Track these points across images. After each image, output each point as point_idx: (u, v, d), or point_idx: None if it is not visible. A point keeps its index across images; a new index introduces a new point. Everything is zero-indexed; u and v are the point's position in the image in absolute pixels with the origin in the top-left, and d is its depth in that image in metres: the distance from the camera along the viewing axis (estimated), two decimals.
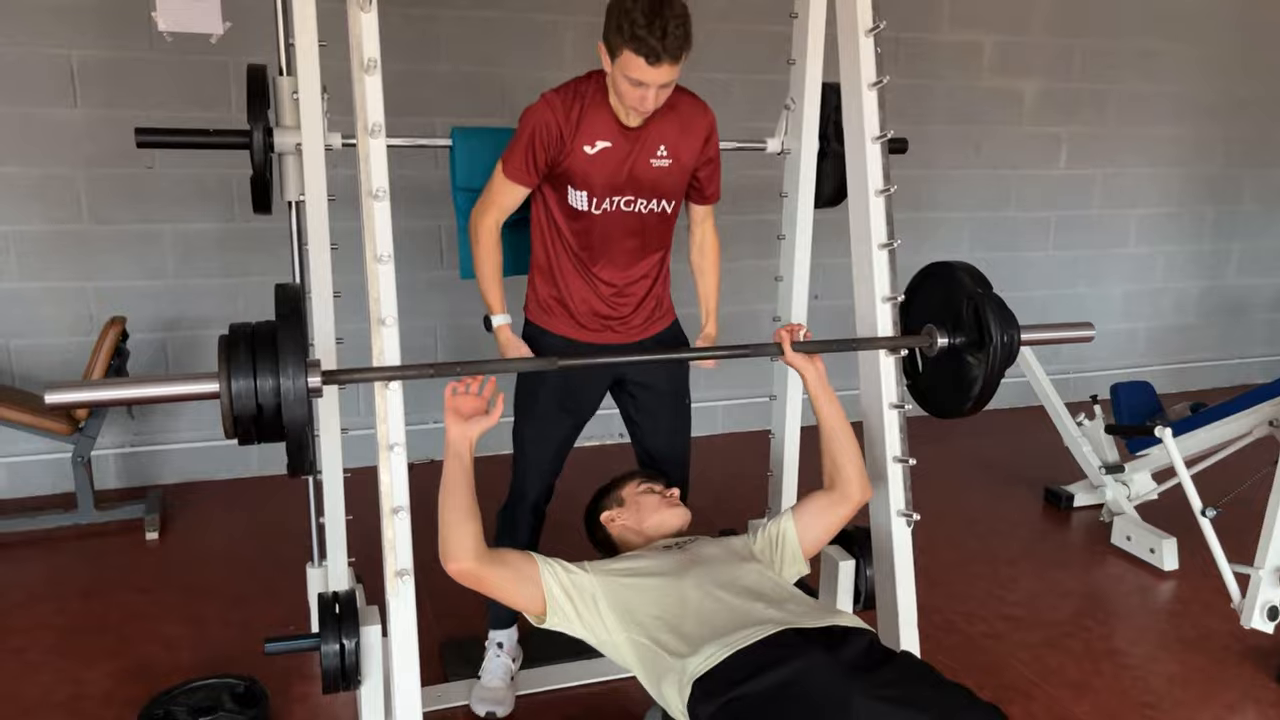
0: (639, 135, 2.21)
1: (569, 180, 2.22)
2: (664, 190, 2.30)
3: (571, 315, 2.37)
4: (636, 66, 1.99)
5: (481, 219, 2.30)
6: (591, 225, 2.28)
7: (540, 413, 2.42)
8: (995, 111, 4.83)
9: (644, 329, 2.45)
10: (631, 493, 2.31)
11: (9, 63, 3.45)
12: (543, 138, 2.17)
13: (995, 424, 4.89)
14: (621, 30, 1.97)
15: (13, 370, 3.68)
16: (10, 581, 3.17)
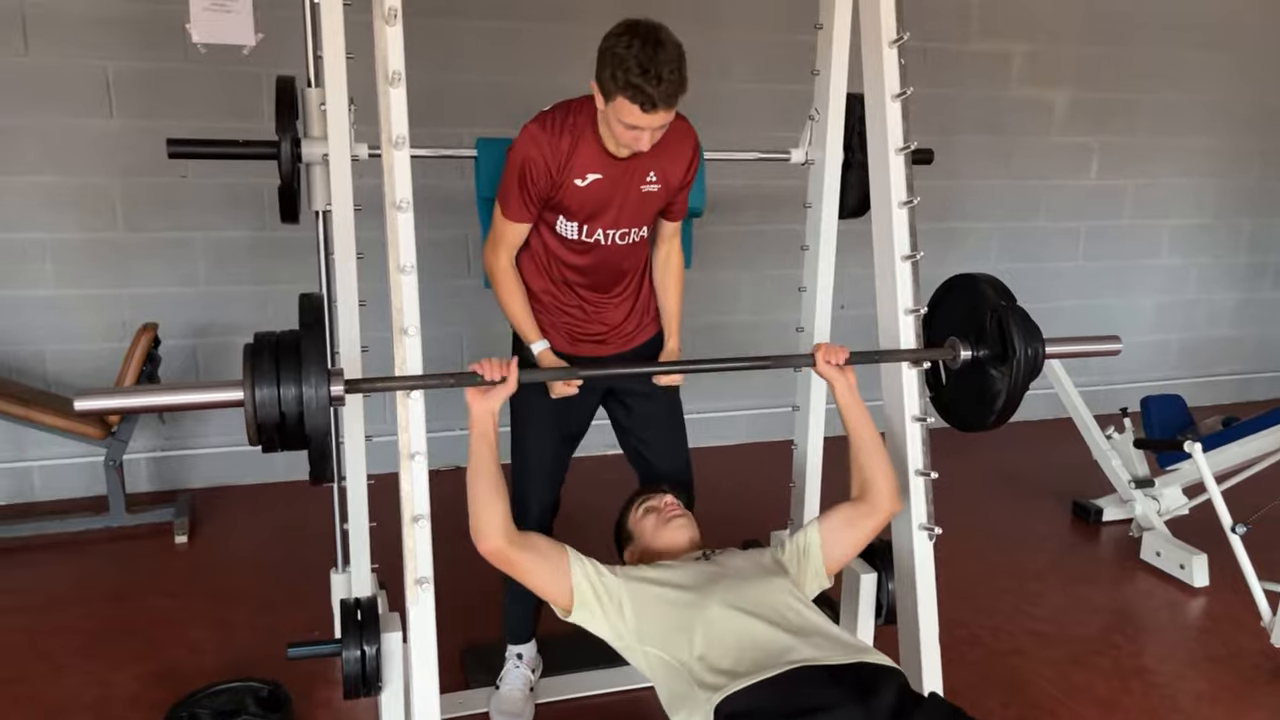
0: (628, 164, 2.20)
1: (561, 211, 2.24)
2: (650, 214, 2.32)
3: (559, 332, 2.39)
4: (632, 114, 1.98)
5: (495, 259, 2.32)
6: (582, 253, 2.30)
7: (535, 428, 2.43)
8: (1024, 121, 4.79)
9: (633, 337, 2.46)
10: (635, 521, 2.31)
11: (48, 74, 3.53)
12: (532, 176, 2.16)
13: (1023, 436, 4.84)
14: (615, 78, 1.95)
15: (47, 375, 3.75)
16: (42, 583, 3.22)
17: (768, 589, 1.97)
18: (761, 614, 1.89)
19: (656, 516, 2.26)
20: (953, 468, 4.28)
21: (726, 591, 1.94)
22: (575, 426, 2.49)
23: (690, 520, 2.28)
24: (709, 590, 1.95)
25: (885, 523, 2.15)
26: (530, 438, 2.45)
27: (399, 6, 1.94)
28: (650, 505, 2.30)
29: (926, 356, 2.25)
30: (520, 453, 2.48)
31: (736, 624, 1.87)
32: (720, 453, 4.54)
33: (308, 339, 1.71)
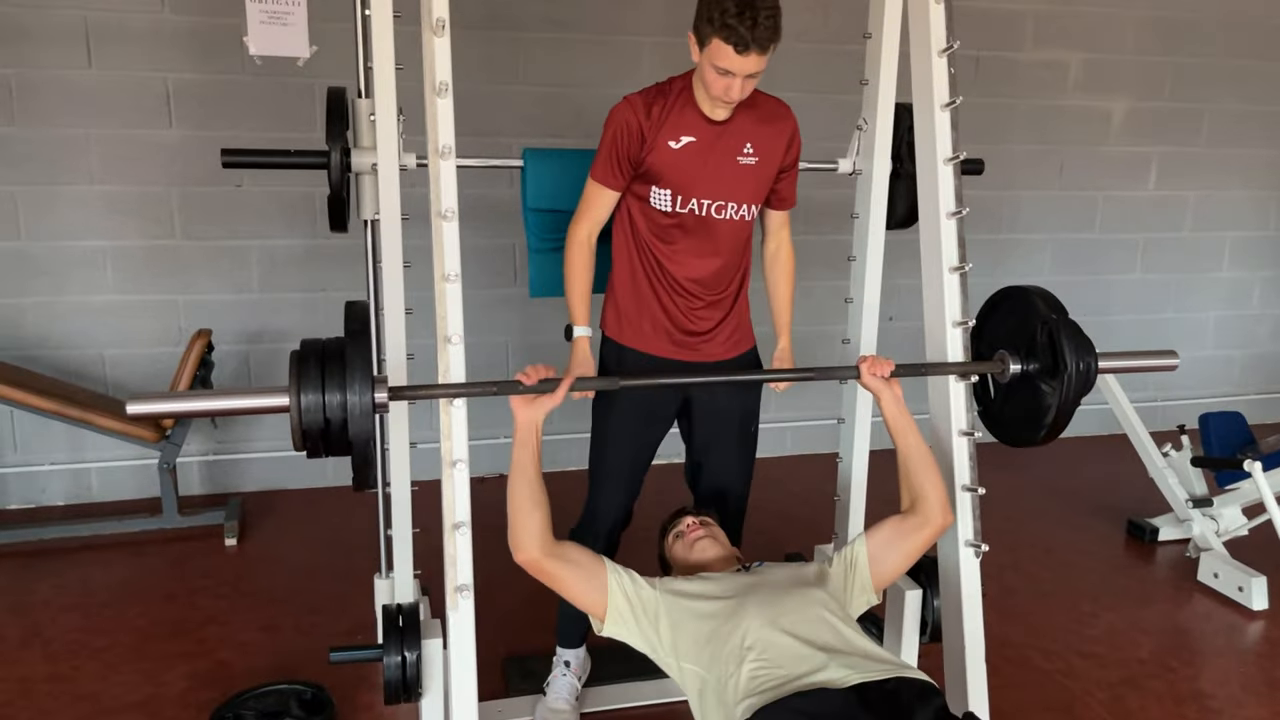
0: (724, 130, 2.19)
1: (654, 179, 2.21)
2: (749, 192, 2.27)
3: (653, 329, 2.34)
4: (725, 55, 1.99)
5: (574, 231, 2.31)
6: (676, 229, 2.25)
7: (616, 427, 2.40)
8: (1080, 131, 4.70)
9: (725, 350, 2.40)
10: (669, 550, 2.31)
11: (111, 86, 3.62)
12: (624, 137, 2.17)
13: (1078, 452, 4.76)
14: (712, 20, 1.97)
15: (106, 378, 3.84)
16: (98, 583, 3.29)
17: (804, 604, 1.94)
18: (795, 630, 1.86)
19: (682, 542, 2.26)
20: (1004, 483, 4.27)
21: (761, 605, 1.92)
22: (657, 434, 2.47)
23: (714, 536, 2.26)
24: (744, 604, 1.94)
25: (936, 536, 2.11)
26: (610, 444, 2.43)
27: (447, 18, 1.96)
28: (676, 531, 2.31)
29: (975, 370, 2.21)
30: (598, 459, 2.46)
31: (769, 639, 1.85)
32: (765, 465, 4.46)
33: (353, 346, 1.73)
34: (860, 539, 2.12)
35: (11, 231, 3.65)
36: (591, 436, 2.47)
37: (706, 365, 2.37)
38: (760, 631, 1.86)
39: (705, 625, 1.93)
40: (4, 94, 3.54)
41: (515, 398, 1.96)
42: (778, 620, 1.88)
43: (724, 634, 1.89)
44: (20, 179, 3.61)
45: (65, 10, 3.52)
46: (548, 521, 1.97)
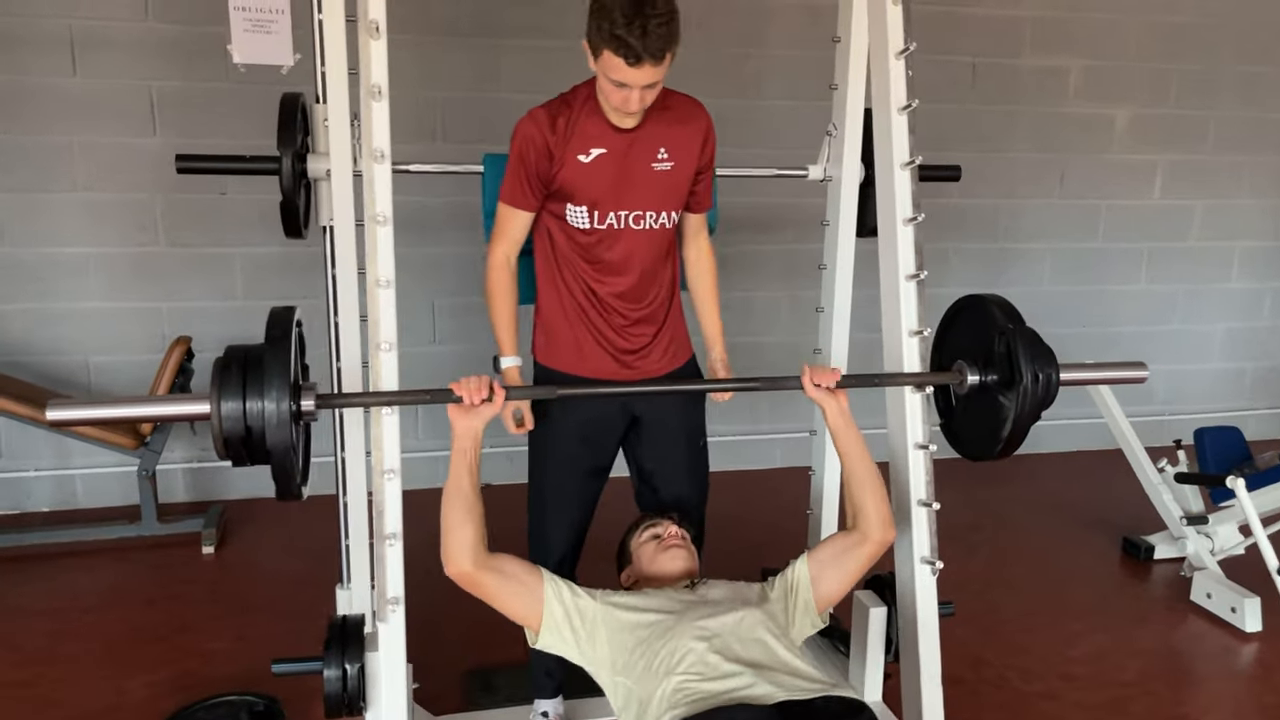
0: (635, 138, 2.09)
1: (568, 196, 2.12)
2: (667, 198, 2.17)
3: (586, 350, 2.24)
4: (616, 67, 1.88)
5: (491, 254, 2.22)
6: (597, 245, 2.17)
7: (557, 460, 2.30)
8: (1082, 138, 4.60)
9: (663, 364, 2.31)
10: (637, 544, 2.23)
11: (98, 94, 3.64)
12: (530, 154, 2.08)
13: (1078, 467, 4.67)
14: (601, 30, 1.87)
15: (91, 385, 3.85)
16: (76, 589, 3.29)
17: (739, 623, 1.89)
18: (725, 648, 1.81)
19: (657, 544, 2.19)
20: (998, 499, 4.19)
21: (694, 622, 1.87)
22: (603, 458, 2.35)
23: (690, 553, 2.20)
24: (679, 619, 1.89)
25: (878, 553, 2.04)
26: (550, 470, 2.32)
27: (382, 21, 1.93)
28: (655, 532, 2.22)
29: (930, 381, 2.15)
30: (538, 487, 2.35)
31: (697, 655, 1.80)
32: (753, 477, 4.45)
33: (271, 353, 1.70)
34: (802, 559, 2.06)
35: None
36: (530, 463, 2.36)
37: (658, 380, 2.30)
38: (690, 646, 1.81)
39: (638, 638, 1.89)
40: None
41: (453, 407, 1.92)
42: (709, 638, 1.83)
43: (655, 648, 1.85)
44: (5, 186, 3.64)
45: (51, 18, 3.55)
46: (481, 534, 1.92)
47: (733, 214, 4.26)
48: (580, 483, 2.34)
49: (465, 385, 1.89)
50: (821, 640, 2.71)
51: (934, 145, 4.28)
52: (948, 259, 4.55)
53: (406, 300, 4.16)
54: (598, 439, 2.32)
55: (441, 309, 4.10)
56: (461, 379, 1.91)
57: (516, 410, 2.21)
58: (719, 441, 4.32)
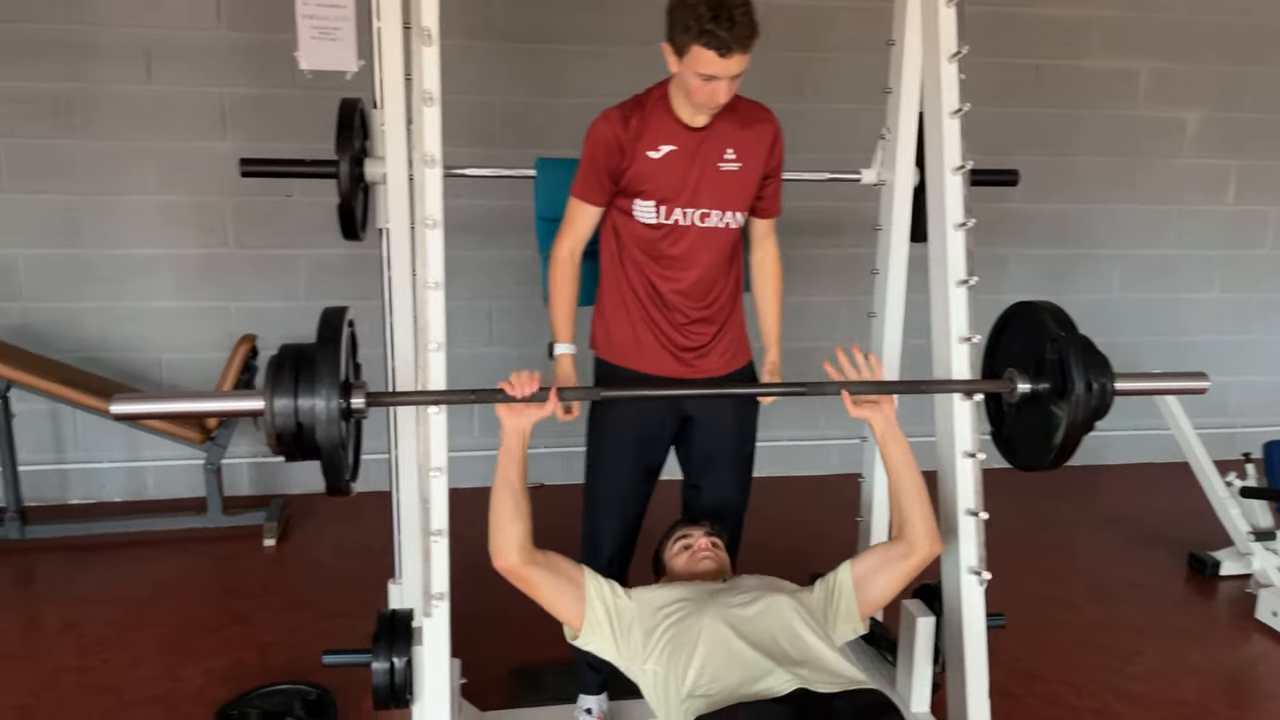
0: (705, 136, 2.15)
1: (636, 191, 2.17)
2: (734, 198, 2.22)
3: (645, 345, 2.28)
4: (707, 61, 1.94)
5: (556, 247, 2.29)
6: (662, 240, 2.21)
7: (613, 458, 2.35)
8: (1152, 142, 4.48)
9: (722, 365, 2.34)
10: (670, 554, 2.25)
11: (169, 100, 3.77)
12: (602, 151, 2.15)
13: (1145, 479, 4.55)
14: (689, 28, 1.93)
15: (162, 381, 3.99)
16: (141, 578, 3.41)
17: (768, 608, 1.91)
18: (748, 634, 1.84)
19: (689, 555, 2.21)
20: (1060, 511, 4.11)
21: (723, 608, 1.90)
22: (657, 456, 2.39)
23: (718, 562, 2.20)
24: (706, 602, 1.92)
25: (922, 565, 2.01)
26: (606, 469, 2.37)
27: (434, 28, 1.97)
28: (685, 543, 2.24)
29: (979, 389, 2.12)
30: (594, 485, 2.40)
31: (723, 642, 1.83)
32: (808, 483, 4.42)
33: (322, 352, 1.75)
34: (845, 565, 2.05)
35: (73, 239, 3.82)
36: (586, 462, 2.42)
37: (703, 382, 2.31)
38: (713, 630, 1.84)
39: (666, 619, 1.92)
40: (67, 108, 3.71)
41: (502, 406, 1.95)
42: (734, 624, 1.86)
43: (681, 628, 1.88)
44: (81, 189, 3.78)
45: (126, 28, 3.68)
46: (529, 530, 1.95)
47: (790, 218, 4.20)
48: (634, 481, 2.38)
49: (516, 380, 1.93)
50: (868, 648, 2.68)
51: (997, 149, 4.27)
52: (1007, 265, 4.47)
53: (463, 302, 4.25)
54: (652, 437, 2.36)
55: (498, 311, 4.15)
56: (512, 377, 1.94)
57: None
58: (776, 446, 4.36)
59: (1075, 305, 2.17)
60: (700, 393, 2.29)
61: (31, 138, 3.71)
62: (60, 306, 3.87)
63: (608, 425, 2.34)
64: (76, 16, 3.64)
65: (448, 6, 2.06)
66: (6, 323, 3.81)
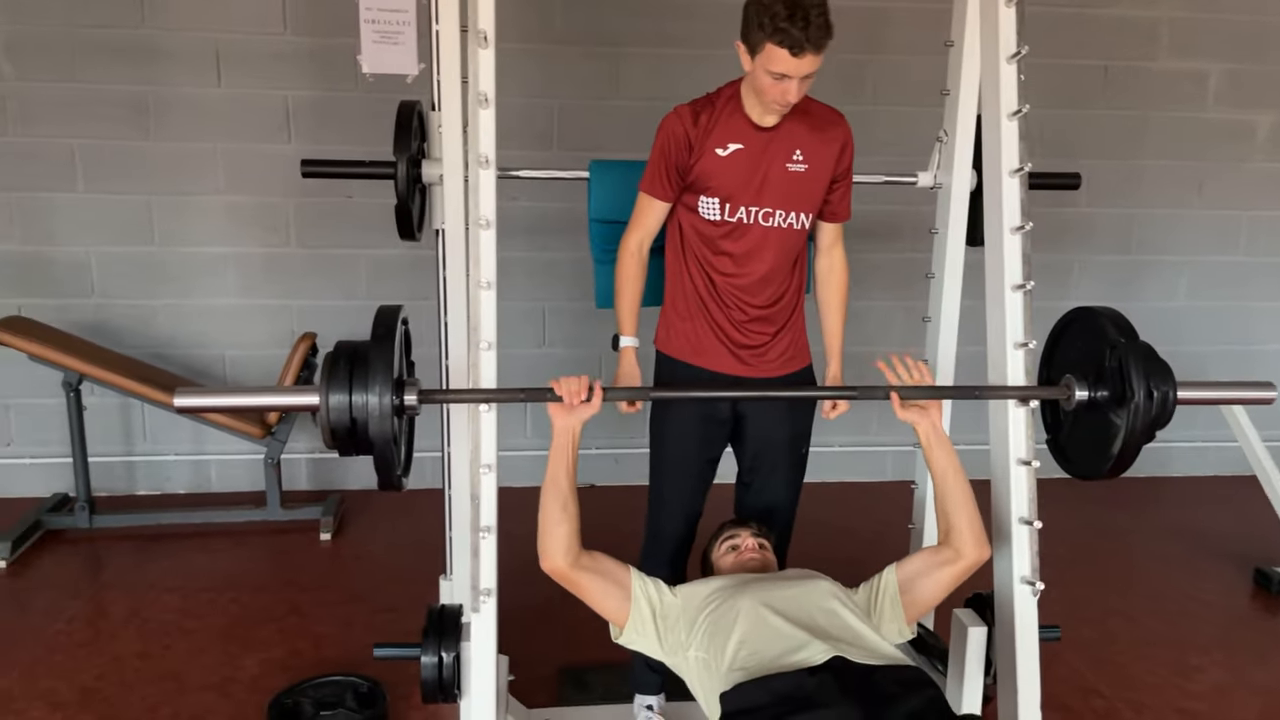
0: (773, 137, 2.16)
1: (702, 188, 2.19)
2: (800, 200, 2.22)
3: (705, 342, 2.29)
4: (780, 59, 1.95)
5: (625, 241, 2.31)
6: (724, 237, 2.22)
7: (674, 454, 2.38)
8: (1221, 146, 4.35)
9: (780, 366, 2.34)
10: (716, 556, 2.26)
11: (237, 103, 3.87)
12: (672, 147, 2.17)
13: (1212, 492, 4.43)
14: (763, 25, 1.94)
15: (226, 377, 4.09)
16: (202, 567, 3.50)
17: (806, 591, 1.93)
18: (785, 610, 1.86)
19: (736, 556, 2.22)
20: (1124, 523, 4.02)
21: (760, 589, 1.92)
22: (716, 449, 2.42)
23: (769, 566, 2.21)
24: (746, 588, 1.94)
25: (969, 571, 1.99)
26: (670, 465, 2.40)
27: (490, 31, 1.99)
28: (734, 543, 2.25)
29: (1035, 395, 2.08)
30: (658, 481, 2.43)
31: (761, 619, 1.85)
32: (862, 489, 4.38)
33: (375, 350, 1.78)
34: (890, 569, 2.03)
35: (146, 237, 3.94)
36: (650, 458, 2.44)
37: (760, 382, 2.31)
38: (751, 609, 1.86)
39: (708, 604, 1.94)
40: (142, 111, 3.83)
41: (553, 405, 1.97)
42: (770, 602, 1.88)
43: (720, 615, 1.90)
44: (154, 189, 3.90)
45: (198, 33, 3.78)
46: (576, 532, 1.97)
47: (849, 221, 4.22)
48: (698, 476, 2.41)
49: (565, 385, 1.94)
50: (919, 657, 2.64)
51: (1061, 152, 4.19)
52: (1071, 271, 4.38)
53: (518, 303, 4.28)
54: (712, 434, 2.38)
55: (552, 313, 4.18)
56: (561, 378, 1.95)
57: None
58: (830, 452, 4.33)
59: (1140, 313, 2.12)
60: (752, 395, 2.29)
61: (107, 139, 3.83)
62: (132, 303, 3.99)
63: (668, 424, 2.37)
64: (151, 22, 3.75)
65: (506, 10, 2.09)
66: (81, 318, 3.93)
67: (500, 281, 2.15)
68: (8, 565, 3.41)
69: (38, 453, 4.04)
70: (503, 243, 2.44)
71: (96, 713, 2.62)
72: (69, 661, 2.85)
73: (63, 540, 3.67)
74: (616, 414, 2.30)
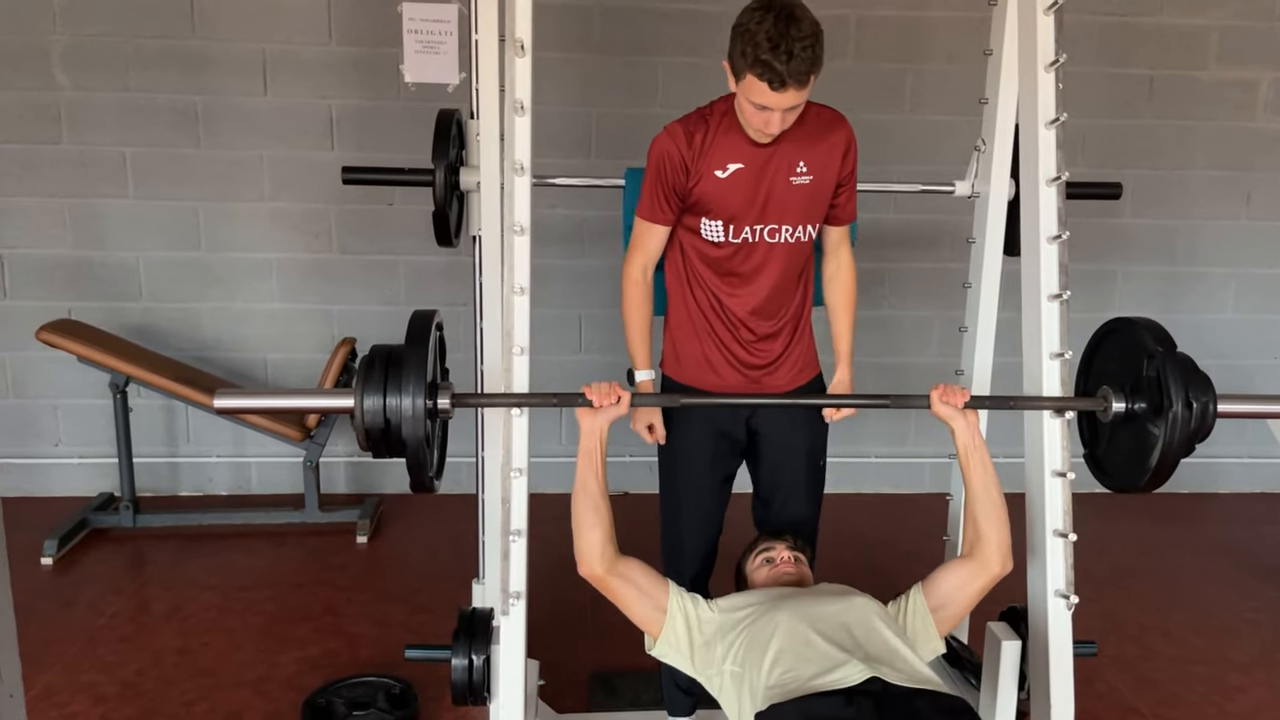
0: (774, 152, 2.07)
1: (703, 210, 2.13)
2: (804, 212, 2.15)
3: (713, 363, 2.25)
4: (759, 91, 1.88)
5: (627, 268, 2.25)
6: (730, 259, 2.17)
7: (689, 472, 2.33)
8: (1271, 156, 4.27)
9: (790, 381, 2.30)
10: (751, 568, 2.23)
11: (282, 112, 3.94)
12: (667, 169, 2.09)
13: (1260, 509, 4.32)
14: (745, 54, 1.86)
15: (268, 380, 4.15)
16: (242, 567, 3.56)
17: (844, 608, 1.90)
18: (823, 628, 1.83)
19: (770, 570, 2.20)
20: (1168, 539, 3.95)
21: (798, 604, 1.90)
22: (730, 467, 2.37)
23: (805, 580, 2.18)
24: (782, 602, 1.92)
25: (993, 584, 1.99)
26: (684, 480, 2.34)
27: (527, 40, 2.01)
28: (768, 555, 2.23)
29: (1071, 406, 2.05)
30: (672, 498, 2.37)
31: (795, 632, 1.83)
32: (899, 500, 4.34)
33: (409, 353, 1.81)
34: (916, 589, 2.03)
35: (194, 242, 4.02)
36: (660, 478, 2.40)
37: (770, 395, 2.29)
38: (789, 625, 1.84)
39: (747, 626, 1.92)
40: (192, 119, 3.91)
41: (581, 410, 1.98)
42: (809, 618, 1.85)
43: (757, 628, 1.88)
44: (202, 195, 3.98)
45: (247, 43, 3.87)
46: (610, 536, 1.98)
47: (885, 230, 4.20)
48: (713, 493, 2.36)
49: (596, 390, 1.96)
50: (951, 670, 2.62)
51: (1105, 162, 4.15)
52: (1115, 281, 4.32)
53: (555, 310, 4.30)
54: (725, 451, 2.34)
55: (589, 319, 4.20)
56: (593, 384, 1.97)
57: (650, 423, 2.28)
58: (867, 463, 4.30)
59: (1186, 325, 2.09)
60: (775, 402, 2.28)
61: (158, 146, 3.92)
62: (178, 307, 4.07)
63: (677, 444, 2.32)
64: (201, 32, 3.84)
65: (548, 20, 2.11)
66: (129, 321, 4.03)
67: (538, 288, 2.17)
68: (54, 562, 3.50)
69: (85, 453, 4.13)
70: (541, 250, 2.45)
71: (136, 707, 2.67)
72: (111, 656, 2.91)
73: (107, 539, 3.75)
74: None
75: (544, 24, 2.07)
